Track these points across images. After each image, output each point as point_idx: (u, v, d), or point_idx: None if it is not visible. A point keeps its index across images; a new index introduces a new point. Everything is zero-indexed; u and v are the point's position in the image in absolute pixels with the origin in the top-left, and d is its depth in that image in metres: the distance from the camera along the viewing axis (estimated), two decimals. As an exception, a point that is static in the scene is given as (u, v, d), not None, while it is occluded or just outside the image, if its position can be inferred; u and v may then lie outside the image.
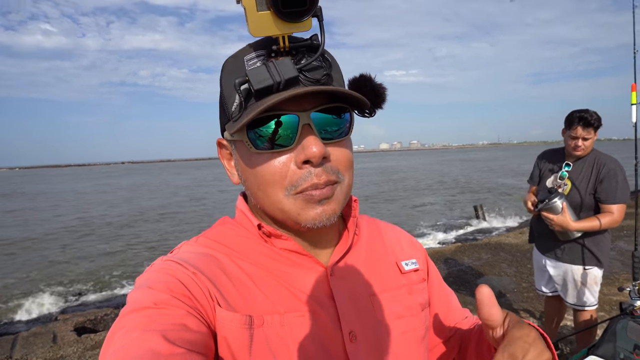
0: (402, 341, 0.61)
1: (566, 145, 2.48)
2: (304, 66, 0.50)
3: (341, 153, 0.55)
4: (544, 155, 2.69)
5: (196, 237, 0.62)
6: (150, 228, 13.09)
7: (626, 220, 7.89)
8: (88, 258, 9.52)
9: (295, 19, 0.48)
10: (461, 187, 21.24)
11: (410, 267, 0.69)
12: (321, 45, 0.52)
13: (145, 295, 0.48)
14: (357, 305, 0.59)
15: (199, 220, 14.26)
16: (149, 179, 44.20)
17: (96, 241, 11.31)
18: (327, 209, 0.53)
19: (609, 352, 1.84)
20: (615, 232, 6.26)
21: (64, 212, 17.71)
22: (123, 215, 15.98)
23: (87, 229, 13.31)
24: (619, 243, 6.03)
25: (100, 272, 8.31)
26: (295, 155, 0.52)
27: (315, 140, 0.51)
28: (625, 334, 1.81)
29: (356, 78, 0.58)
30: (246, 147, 0.53)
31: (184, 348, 0.42)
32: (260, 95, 0.50)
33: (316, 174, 0.52)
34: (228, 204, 17.96)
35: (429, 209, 14.43)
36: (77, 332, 4.34)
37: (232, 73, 0.53)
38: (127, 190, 29.76)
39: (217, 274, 0.54)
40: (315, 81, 0.51)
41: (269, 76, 0.49)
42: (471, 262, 5.62)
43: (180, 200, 21.49)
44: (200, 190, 26.96)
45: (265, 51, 0.52)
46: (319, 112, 0.52)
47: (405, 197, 18.40)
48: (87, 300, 6.89)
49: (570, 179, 2.46)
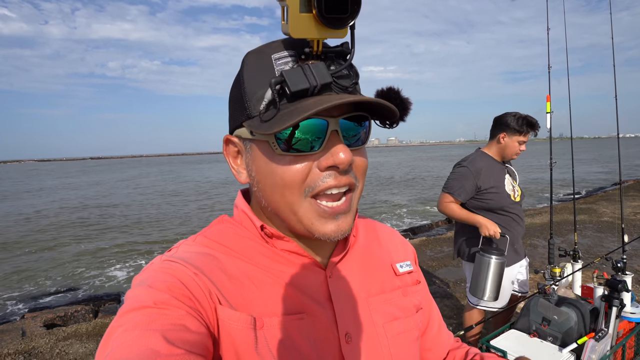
0: (397, 342, 0.62)
1: (510, 149, 2.50)
2: (336, 72, 0.51)
3: (360, 159, 0.56)
4: (479, 169, 2.52)
5: (194, 236, 0.61)
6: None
7: (562, 215, 8.32)
8: (51, 256, 9.31)
9: (336, 25, 0.47)
10: (434, 182, 21.85)
11: (405, 269, 0.70)
12: (351, 54, 0.52)
13: (145, 294, 0.48)
14: (353, 307, 0.60)
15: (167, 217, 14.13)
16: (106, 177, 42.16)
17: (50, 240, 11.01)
18: (343, 225, 0.54)
19: (525, 325, 2.14)
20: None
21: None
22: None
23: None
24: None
25: (68, 270, 8.20)
26: (320, 160, 0.52)
27: (344, 147, 0.51)
28: (537, 309, 2.10)
29: (385, 90, 0.58)
30: (269, 148, 0.52)
31: (183, 349, 0.42)
32: (295, 97, 0.50)
33: (336, 177, 0.52)
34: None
35: (400, 204, 14.85)
36: (47, 328, 4.38)
37: (259, 70, 0.52)
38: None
39: (218, 274, 0.54)
40: (345, 89, 0.52)
41: (306, 79, 0.48)
42: (432, 255, 5.98)
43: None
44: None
45: (295, 52, 0.52)
46: (346, 119, 0.53)
47: (376, 191, 18.80)
48: (56, 298, 6.80)
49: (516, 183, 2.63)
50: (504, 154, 2.56)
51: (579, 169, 26.00)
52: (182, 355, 0.41)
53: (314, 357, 0.53)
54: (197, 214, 14.70)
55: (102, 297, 6.55)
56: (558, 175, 10.18)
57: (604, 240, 6.38)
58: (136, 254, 9.26)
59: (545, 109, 2.30)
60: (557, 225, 7.27)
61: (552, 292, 2.13)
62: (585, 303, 2.07)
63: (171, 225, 12.55)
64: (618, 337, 2.08)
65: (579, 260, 2.54)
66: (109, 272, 8.02)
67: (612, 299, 1.97)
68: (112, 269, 8.20)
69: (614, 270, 2.16)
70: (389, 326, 0.62)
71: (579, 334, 1.95)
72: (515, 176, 2.68)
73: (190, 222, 13.07)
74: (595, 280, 2.14)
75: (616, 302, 1.96)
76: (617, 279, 1.99)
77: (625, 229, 2.78)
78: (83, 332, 3.96)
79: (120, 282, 7.34)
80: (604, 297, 1.99)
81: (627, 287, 1.97)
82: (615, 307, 1.97)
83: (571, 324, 1.97)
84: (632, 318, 2.12)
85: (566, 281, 2.52)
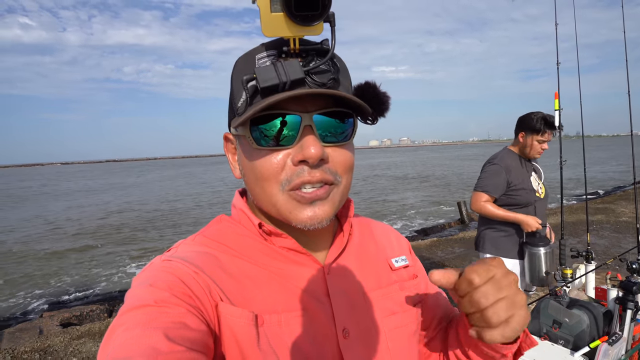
0: (394, 336, 0.62)
1: (530, 148, 2.57)
2: (312, 69, 0.51)
3: (341, 155, 0.56)
4: (509, 166, 2.60)
5: (193, 236, 0.61)
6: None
7: (578, 215, 8.11)
8: (64, 257, 9.54)
9: (307, 22, 0.48)
10: (450, 183, 21.60)
11: (400, 264, 0.71)
12: (330, 50, 0.52)
13: (145, 293, 0.48)
14: (351, 303, 0.60)
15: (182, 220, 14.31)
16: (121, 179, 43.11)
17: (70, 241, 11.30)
18: (319, 212, 0.54)
19: (535, 328, 2.09)
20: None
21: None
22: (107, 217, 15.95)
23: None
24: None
25: (85, 270, 8.39)
26: (293, 154, 0.53)
27: (314, 141, 0.51)
28: (547, 311, 2.06)
29: (361, 85, 0.59)
30: (248, 143, 0.54)
31: (184, 346, 0.43)
32: (266, 93, 0.51)
33: (310, 172, 0.52)
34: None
35: (413, 204, 14.72)
36: (63, 327, 4.49)
37: (243, 70, 0.54)
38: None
39: (218, 272, 0.54)
40: (322, 84, 0.52)
41: (276, 75, 0.50)
42: (443, 255, 5.91)
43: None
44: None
45: (276, 51, 0.53)
46: (323, 115, 0.53)
47: (389, 192, 18.68)
48: (73, 297, 6.96)
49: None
50: (525, 152, 2.62)
51: (595, 168, 25.38)
52: (182, 352, 0.42)
53: (313, 353, 0.54)
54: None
55: (117, 296, 6.68)
56: (573, 175, 9.81)
57: (621, 240, 6.22)
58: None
59: (554, 106, 2.25)
60: (572, 226, 7.11)
61: (563, 294, 2.08)
62: (598, 305, 2.01)
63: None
64: (634, 341, 2.02)
65: (592, 261, 2.48)
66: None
67: (627, 301, 1.91)
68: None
69: (629, 272, 2.09)
70: (387, 321, 0.63)
71: (591, 337, 1.90)
72: (540, 174, 2.72)
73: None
74: (608, 282, 2.09)
75: (631, 305, 1.91)
76: (632, 281, 1.94)
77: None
78: (96, 331, 4.06)
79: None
80: (618, 300, 1.94)
81: (643, 289, 1.91)
82: (629, 309, 1.91)
83: (583, 327, 1.92)
84: (648, 321, 2.05)
85: (579, 283, 2.46)
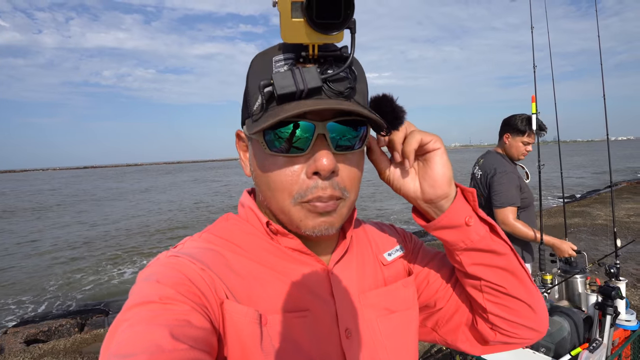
0: (394, 335, 0.64)
1: (514, 149, 2.56)
2: (329, 77, 0.51)
3: (349, 171, 0.56)
4: (514, 170, 2.57)
5: (200, 233, 0.62)
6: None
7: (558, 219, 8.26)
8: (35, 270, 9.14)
9: (327, 30, 0.48)
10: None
11: (395, 256, 0.72)
12: (350, 58, 0.52)
13: (150, 289, 0.48)
14: (352, 303, 0.61)
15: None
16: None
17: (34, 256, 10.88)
18: (327, 221, 0.55)
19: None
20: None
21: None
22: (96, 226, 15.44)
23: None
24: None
25: (57, 283, 8.04)
26: (306, 165, 0.53)
27: (327, 153, 0.51)
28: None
29: (378, 97, 0.58)
30: (261, 147, 0.54)
31: (188, 344, 0.42)
32: (282, 100, 0.51)
33: (322, 187, 0.53)
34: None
35: (394, 211, 14.78)
36: (27, 344, 4.24)
37: (259, 72, 0.54)
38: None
39: (224, 270, 0.55)
40: (339, 93, 0.52)
41: (293, 83, 0.49)
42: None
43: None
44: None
45: (294, 55, 0.52)
46: (336, 122, 0.53)
47: (370, 200, 18.75)
48: (44, 312, 6.66)
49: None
50: (510, 154, 2.59)
51: (572, 172, 26.13)
52: (186, 350, 0.42)
53: (316, 353, 0.55)
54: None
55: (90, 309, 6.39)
56: (550, 179, 10.07)
57: (598, 243, 6.33)
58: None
59: (531, 109, 2.24)
60: (550, 230, 7.13)
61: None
62: (578, 312, 1.98)
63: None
64: (613, 347, 1.99)
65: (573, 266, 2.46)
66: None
67: (606, 306, 1.89)
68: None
69: (607, 277, 2.08)
70: (386, 319, 0.64)
71: (572, 344, 1.86)
72: (528, 175, 2.72)
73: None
74: (587, 287, 2.06)
75: (610, 310, 1.88)
76: (611, 286, 1.92)
77: (618, 232, 2.71)
78: (60, 349, 3.82)
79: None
80: (597, 305, 1.91)
81: (621, 294, 1.89)
82: (609, 315, 1.89)
83: (564, 334, 1.88)
84: (627, 326, 2.03)
85: (560, 288, 2.44)
